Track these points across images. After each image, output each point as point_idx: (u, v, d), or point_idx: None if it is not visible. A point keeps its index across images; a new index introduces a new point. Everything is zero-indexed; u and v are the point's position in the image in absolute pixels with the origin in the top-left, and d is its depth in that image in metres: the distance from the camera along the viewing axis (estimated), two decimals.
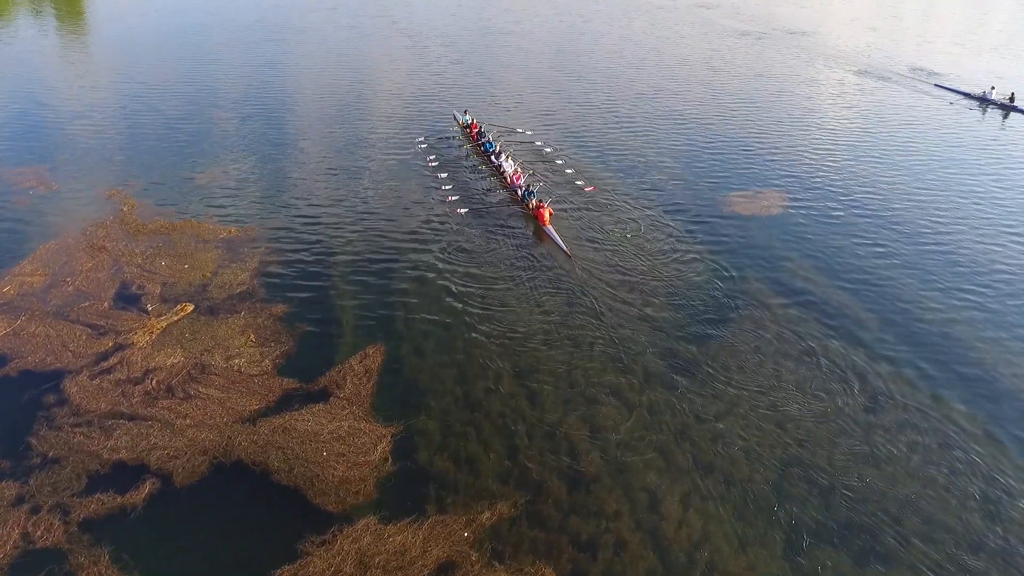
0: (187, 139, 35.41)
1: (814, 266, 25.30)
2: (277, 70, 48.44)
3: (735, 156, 35.23)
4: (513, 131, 36.35)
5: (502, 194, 30.12)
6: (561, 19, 70.85)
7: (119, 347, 19.72)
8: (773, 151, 36.08)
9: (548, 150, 34.75)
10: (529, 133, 36.94)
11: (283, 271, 23.78)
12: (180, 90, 43.33)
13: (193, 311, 21.40)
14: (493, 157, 32.15)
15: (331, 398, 18.03)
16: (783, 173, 33.26)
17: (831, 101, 45.70)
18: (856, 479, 16.56)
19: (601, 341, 20.85)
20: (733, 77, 49.82)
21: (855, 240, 27.21)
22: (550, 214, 26.88)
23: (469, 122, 35.94)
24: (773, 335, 21.54)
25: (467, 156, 34.05)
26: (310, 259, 24.73)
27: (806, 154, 35.79)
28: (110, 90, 43.22)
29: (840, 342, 21.18)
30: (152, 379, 18.52)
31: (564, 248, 25.38)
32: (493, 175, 31.61)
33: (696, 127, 39.50)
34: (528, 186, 29.09)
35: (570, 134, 37.68)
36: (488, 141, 33.41)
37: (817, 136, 38.83)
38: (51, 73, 47.11)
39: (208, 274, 23.28)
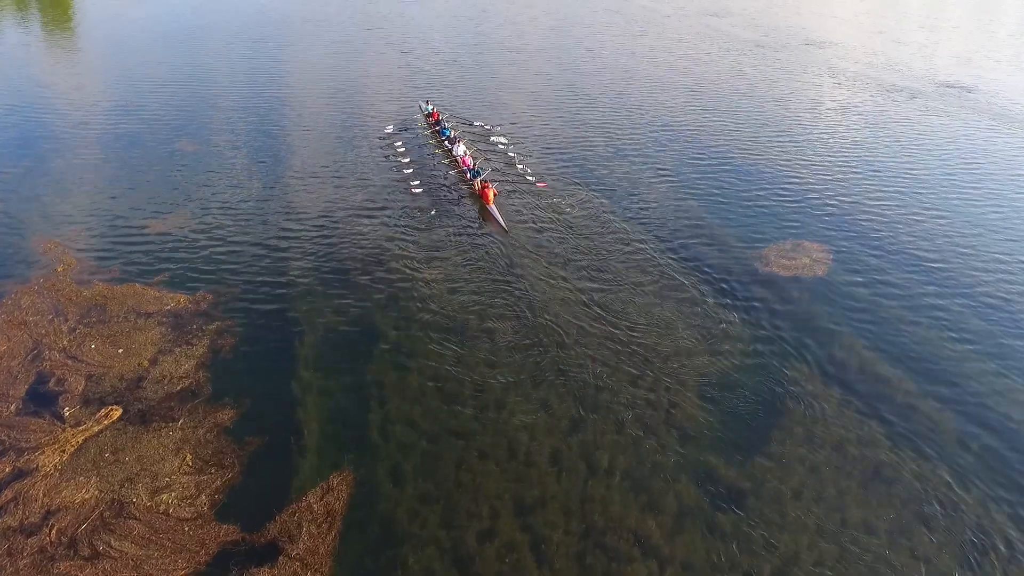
0: (145, 178, 30.96)
1: (871, 347, 21.26)
2: (255, 95, 44.07)
3: (768, 201, 30.69)
4: (514, 168, 32.44)
5: (463, 189, 30.63)
6: (566, 32, 66.82)
7: (18, 474, 15.72)
8: (811, 195, 31.51)
9: (555, 197, 30.76)
10: (529, 168, 32.89)
11: (236, 359, 19.67)
12: (142, 118, 38.81)
13: (120, 417, 17.40)
14: (447, 142, 34.13)
15: (280, 557, 14.03)
16: (825, 221, 28.91)
17: (871, 130, 40.90)
18: None
19: (621, 461, 16.86)
20: (759, 103, 45.07)
21: (919, 314, 22.96)
22: (494, 194, 28.67)
23: (430, 111, 38.22)
24: (831, 447, 17.64)
25: (425, 144, 35.55)
26: (270, 340, 20.59)
27: (850, 199, 31.18)
28: (58, 120, 38.42)
29: (914, 457, 17.30)
30: (52, 527, 14.51)
31: (503, 224, 26.91)
32: (447, 160, 33.19)
33: (723, 165, 34.84)
34: (475, 165, 31.38)
35: (580, 169, 33.55)
36: (444, 128, 35.74)
37: (862, 176, 34.01)
38: None
39: (145, 363, 19.24)
